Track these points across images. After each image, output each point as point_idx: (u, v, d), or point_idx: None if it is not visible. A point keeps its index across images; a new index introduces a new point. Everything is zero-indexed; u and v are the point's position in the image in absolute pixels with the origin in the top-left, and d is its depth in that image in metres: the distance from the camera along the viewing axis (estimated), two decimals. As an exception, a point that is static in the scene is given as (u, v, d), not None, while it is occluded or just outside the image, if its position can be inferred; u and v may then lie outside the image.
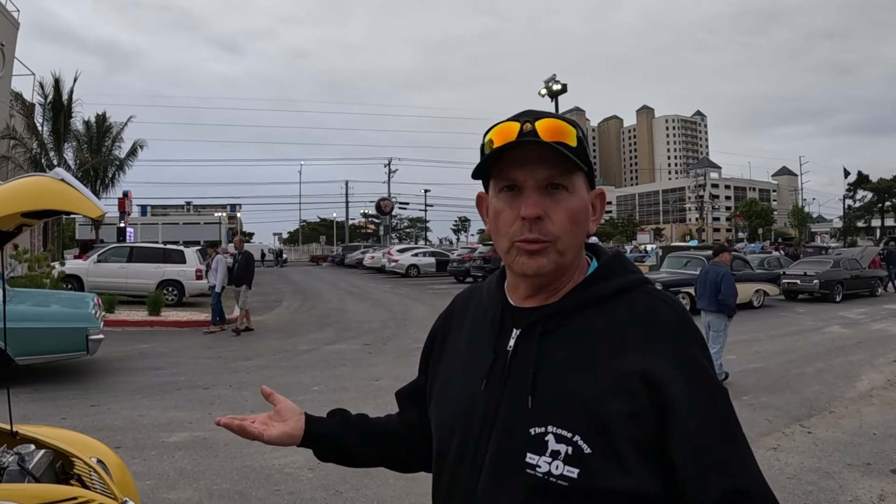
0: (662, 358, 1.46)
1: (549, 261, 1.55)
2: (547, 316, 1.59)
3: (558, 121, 1.56)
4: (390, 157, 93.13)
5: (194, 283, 25.17)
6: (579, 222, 1.57)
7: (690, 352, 1.49)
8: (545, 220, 1.53)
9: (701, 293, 12.42)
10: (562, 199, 1.55)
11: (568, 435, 1.44)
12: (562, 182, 1.54)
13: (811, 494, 6.73)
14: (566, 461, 1.43)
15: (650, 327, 1.51)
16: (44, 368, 12.54)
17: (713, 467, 1.40)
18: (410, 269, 49.29)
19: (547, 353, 1.55)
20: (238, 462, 7.50)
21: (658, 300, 1.58)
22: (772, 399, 10.68)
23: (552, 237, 1.54)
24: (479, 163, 1.60)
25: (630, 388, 1.44)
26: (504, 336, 1.65)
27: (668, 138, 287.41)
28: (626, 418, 1.42)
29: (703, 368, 1.48)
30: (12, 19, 35.41)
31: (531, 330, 1.60)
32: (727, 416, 1.47)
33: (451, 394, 1.73)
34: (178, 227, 77.35)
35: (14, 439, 3.65)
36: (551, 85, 38.05)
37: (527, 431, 1.49)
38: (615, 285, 1.60)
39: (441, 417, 1.75)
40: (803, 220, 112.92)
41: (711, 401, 1.45)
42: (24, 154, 36.86)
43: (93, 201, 2.96)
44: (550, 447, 1.45)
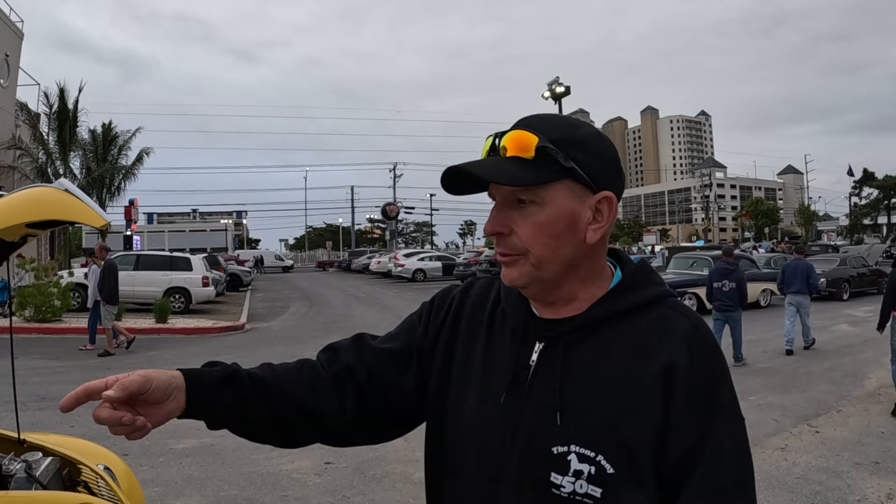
0: (679, 355, 1.43)
1: (521, 273, 1.52)
2: (571, 329, 1.54)
3: (520, 132, 1.49)
4: (395, 162, 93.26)
5: (201, 291, 25.25)
6: (555, 235, 1.49)
7: (706, 359, 1.46)
8: (511, 235, 1.51)
9: (791, 280, 15.84)
10: (530, 213, 1.49)
11: (591, 454, 1.41)
12: (526, 197, 1.48)
13: (819, 494, 6.72)
14: (589, 481, 1.41)
15: (671, 335, 1.47)
16: (52, 376, 12.59)
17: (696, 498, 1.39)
18: (417, 274, 49.24)
19: (570, 368, 1.51)
20: (245, 468, 7.52)
21: (681, 314, 1.53)
22: (779, 399, 10.68)
23: (520, 250, 1.50)
24: (441, 180, 1.55)
25: (651, 397, 1.42)
26: (526, 348, 1.59)
27: (673, 139, 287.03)
28: (648, 436, 1.40)
29: (716, 379, 1.45)
30: (16, 29, 35.50)
31: (555, 343, 1.55)
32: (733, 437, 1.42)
33: (466, 405, 1.65)
34: (184, 234, 77.53)
35: (21, 447, 3.66)
36: (554, 87, 38.03)
37: (550, 450, 1.45)
38: (641, 298, 1.55)
39: (453, 430, 1.66)
40: (809, 219, 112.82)
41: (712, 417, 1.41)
42: (31, 164, 36.91)
43: (97, 211, 2.98)
44: (573, 467, 1.42)
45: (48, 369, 13.59)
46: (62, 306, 20.98)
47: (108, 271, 16.24)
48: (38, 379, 12.26)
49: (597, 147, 1.53)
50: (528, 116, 1.56)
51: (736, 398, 1.46)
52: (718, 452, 1.39)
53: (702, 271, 23.49)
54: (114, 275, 16.36)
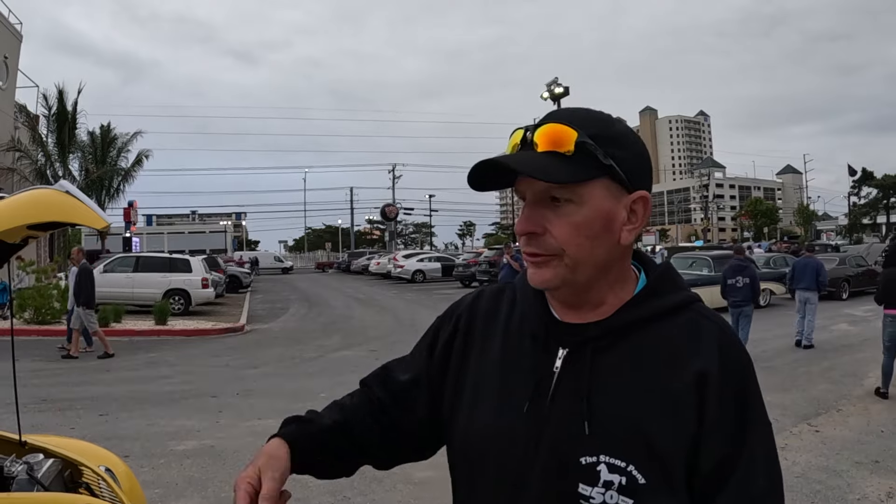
0: (712, 363, 1.39)
1: (554, 275, 1.45)
2: (601, 334, 1.48)
3: (557, 125, 1.41)
4: (394, 163, 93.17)
5: (201, 292, 25.25)
6: (592, 235, 1.43)
7: (736, 367, 1.42)
8: (544, 234, 1.43)
9: (801, 277, 16.45)
10: (566, 212, 1.42)
11: (621, 465, 1.36)
12: (561, 195, 1.41)
13: (819, 493, 6.73)
14: (620, 491, 1.36)
15: (702, 342, 1.43)
16: (52, 378, 12.60)
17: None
18: (416, 275, 49.33)
19: (598, 375, 1.45)
20: (246, 469, 7.50)
21: (709, 320, 1.49)
22: (779, 398, 10.65)
23: (554, 251, 1.43)
24: (468, 176, 1.49)
25: (685, 405, 1.38)
26: (549, 354, 1.53)
27: (672, 139, 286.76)
28: (681, 446, 1.36)
29: (746, 387, 1.42)
30: (15, 32, 35.49)
31: (581, 349, 1.49)
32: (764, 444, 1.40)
33: (484, 415, 1.59)
34: (183, 236, 77.47)
35: (23, 449, 3.68)
36: (553, 88, 38.00)
37: (577, 460, 1.40)
38: (669, 303, 1.51)
39: (472, 441, 1.61)
40: (809, 219, 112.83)
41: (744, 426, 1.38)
42: (30, 166, 36.90)
43: (97, 213, 2.99)
44: (603, 477, 1.37)
45: (48, 371, 13.62)
46: (62, 308, 20.92)
47: (84, 275, 15.95)
48: (38, 381, 12.28)
49: (632, 143, 1.49)
50: (557, 111, 1.51)
51: (763, 403, 1.43)
52: (752, 460, 1.36)
53: (701, 271, 23.55)
54: (90, 278, 16.09)
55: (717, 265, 23.74)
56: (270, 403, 10.75)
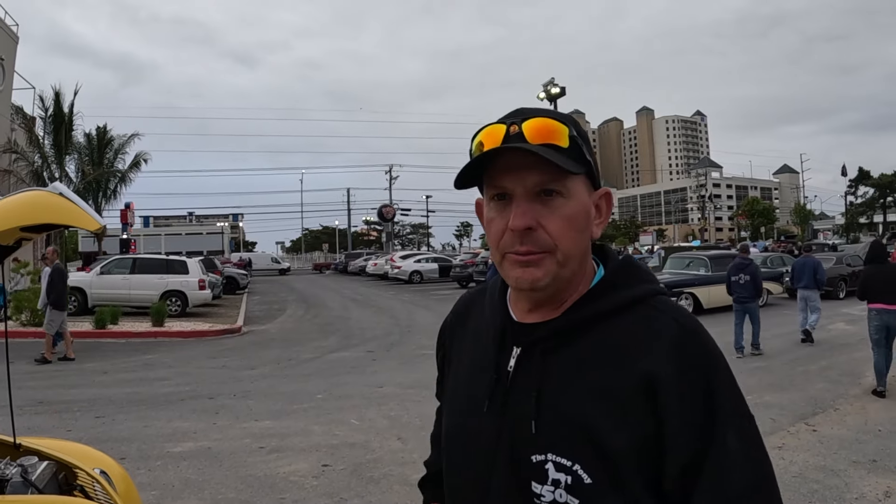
0: (664, 363, 1.37)
1: (545, 273, 1.44)
2: (547, 335, 1.50)
3: (548, 120, 1.44)
4: (391, 164, 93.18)
5: (197, 294, 25.19)
6: (580, 229, 1.46)
7: (696, 361, 1.39)
8: (538, 230, 1.42)
9: (800, 276, 17.02)
10: (557, 206, 1.43)
11: (567, 464, 1.38)
12: (555, 187, 1.42)
13: (817, 493, 6.71)
14: (567, 490, 1.37)
15: (654, 340, 1.41)
16: (48, 380, 12.57)
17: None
18: (413, 276, 49.32)
19: (548, 375, 1.47)
20: (243, 471, 7.50)
21: (666, 315, 1.46)
22: (776, 398, 10.66)
23: (548, 247, 1.43)
24: (460, 172, 1.47)
25: (633, 407, 1.36)
26: (505, 354, 1.56)
27: (669, 139, 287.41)
28: (630, 445, 1.35)
29: (710, 380, 1.37)
30: (11, 33, 35.45)
31: (532, 349, 1.51)
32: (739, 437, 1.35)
33: (455, 411, 1.68)
34: (180, 237, 77.55)
35: (17, 451, 3.66)
36: (550, 88, 37.99)
37: (529, 458, 1.43)
38: (621, 299, 1.50)
39: (447, 434, 1.70)
40: (805, 218, 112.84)
41: (713, 421, 1.34)
42: (27, 168, 36.87)
43: (91, 215, 2.98)
44: (551, 476, 1.39)
45: (44, 373, 13.59)
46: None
47: (57, 275, 15.67)
48: (34, 383, 12.25)
49: (590, 144, 1.51)
50: (524, 109, 1.51)
51: (738, 395, 1.40)
52: (724, 455, 1.33)
53: (698, 271, 23.52)
54: (62, 279, 15.83)
55: (715, 265, 23.75)
56: (268, 405, 10.73)
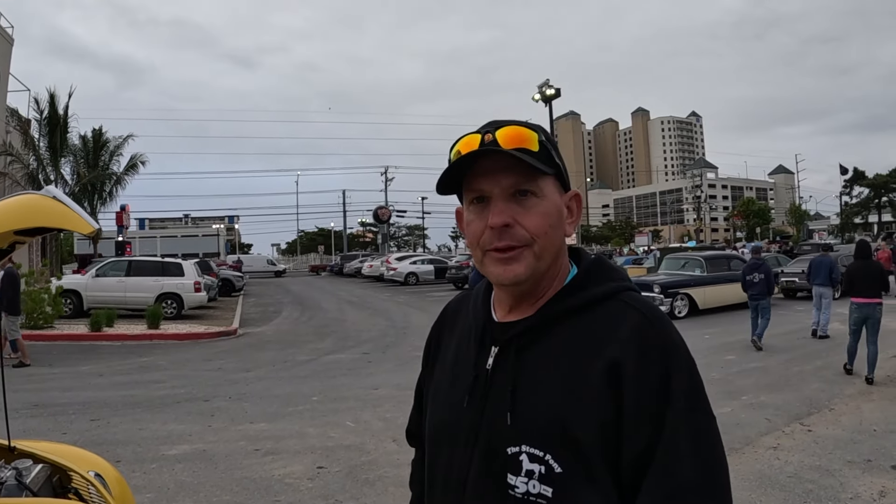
0: (625, 350, 1.44)
1: (525, 267, 1.54)
2: (521, 332, 1.58)
3: (519, 128, 1.56)
4: (387, 166, 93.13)
5: (193, 296, 25.14)
6: (553, 225, 1.57)
7: (656, 350, 1.45)
8: (515, 226, 1.52)
9: (816, 274, 17.69)
10: (531, 205, 1.54)
11: (540, 454, 1.45)
12: (529, 188, 1.54)
13: (812, 493, 6.72)
14: (540, 480, 1.44)
15: (619, 330, 1.49)
16: (43, 383, 12.56)
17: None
18: (409, 277, 49.12)
19: (522, 371, 1.55)
20: (238, 473, 7.51)
21: (631, 308, 1.54)
22: (771, 398, 10.68)
23: (526, 241, 1.53)
24: (441, 176, 1.59)
25: (599, 394, 1.42)
26: (484, 353, 1.65)
27: (664, 140, 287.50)
28: (597, 434, 1.40)
29: (669, 370, 1.43)
30: (6, 35, 35.48)
31: (508, 347, 1.60)
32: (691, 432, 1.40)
33: (438, 408, 1.75)
34: (176, 239, 77.53)
35: (12, 454, 3.66)
36: (545, 90, 38.04)
37: (504, 450, 1.50)
38: (591, 295, 1.58)
39: (429, 431, 1.77)
40: (801, 218, 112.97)
41: (666, 412, 1.40)
42: (22, 170, 36.83)
43: (85, 218, 2.98)
44: (525, 467, 1.46)
45: (39, 376, 13.57)
46: (54, 312, 20.95)
47: (9, 280, 15.34)
48: (30, 386, 12.23)
49: (559, 150, 1.64)
50: (496, 121, 1.61)
51: (697, 390, 1.45)
52: (675, 449, 1.37)
53: (694, 272, 23.54)
54: (14, 283, 15.57)
55: (710, 266, 23.79)
56: (263, 407, 10.73)
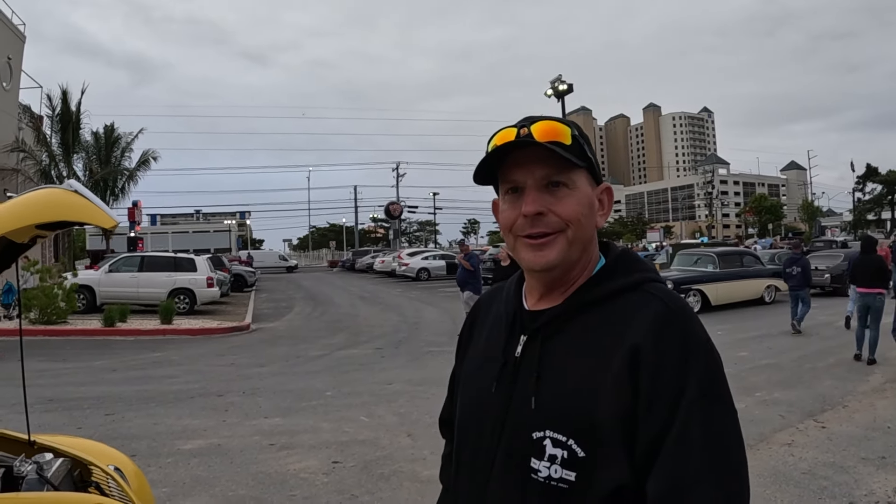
0: (645, 336, 1.47)
1: (557, 252, 1.59)
2: (548, 321, 1.63)
3: (553, 122, 1.62)
4: (398, 161, 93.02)
5: (206, 292, 25.14)
6: (586, 214, 1.62)
7: (676, 338, 1.47)
8: (547, 214, 1.58)
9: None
10: (563, 195, 1.59)
11: (563, 439, 1.48)
12: (561, 179, 1.59)
13: (826, 489, 6.70)
14: (563, 465, 1.47)
15: (641, 318, 1.52)
16: (58, 377, 12.60)
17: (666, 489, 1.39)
18: (421, 273, 49.07)
19: (549, 358, 1.59)
20: (253, 468, 7.52)
21: (655, 297, 1.57)
22: (785, 395, 10.65)
23: (559, 227, 1.59)
24: (477, 166, 1.66)
25: (620, 379, 1.45)
26: (513, 341, 1.69)
27: (676, 136, 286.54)
28: (617, 420, 1.43)
29: (687, 359, 1.45)
30: (18, 32, 35.51)
31: (536, 335, 1.64)
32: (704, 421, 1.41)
33: (467, 394, 1.80)
34: (187, 235, 77.48)
35: (32, 448, 3.68)
36: (557, 85, 37.95)
37: (530, 435, 1.53)
38: (616, 286, 1.61)
39: (460, 414, 1.82)
40: (813, 215, 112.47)
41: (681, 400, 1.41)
42: (34, 166, 36.91)
43: (106, 212, 2.98)
44: (548, 451, 1.49)
45: (54, 371, 13.60)
46: (67, 308, 21.03)
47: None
48: (44, 381, 12.27)
49: (591, 145, 1.68)
50: (532, 116, 1.67)
51: (716, 381, 1.46)
52: (685, 436, 1.39)
53: (706, 268, 23.48)
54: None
55: (723, 262, 23.74)
56: (277, 402, 10.74)
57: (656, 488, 1.39)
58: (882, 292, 13.48)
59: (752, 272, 24.62)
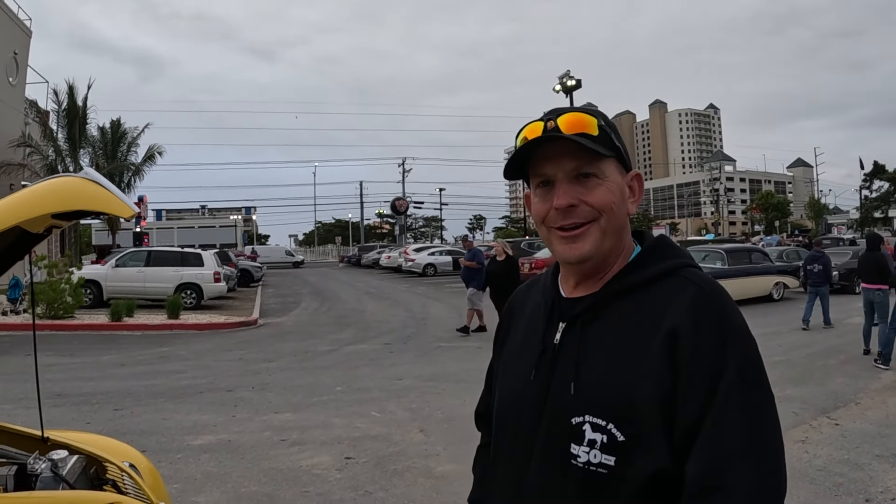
0: (682, 319, 1.50)
1: (591, 244, 1.62)
2: (586, 308, 1.65)
3: (579, 114, 1.64)
4: (404, 157, 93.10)
5: (213, 286, 25.20)
6: (617, 202, 1.64)
7: (712, 320, 1.50)
8: (579, 205, 1.61)
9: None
10: (594, 185, 1.62)
11: (602, 423, 1.51)
12: (590, 170, 1.62)
13: (842, 486, 6.69)
14: (602, 450, 1.50)
15: (678, 302, 1.55)
16: (66, 372, 12.57)
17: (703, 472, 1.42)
18: (427, 269, 48.93)
19: (587, 345, 1.61)
20: (265, 464, 7.50)
21: (690, 282, 1.59)
22: (797, 391, 10.62)
23: (592, 217, 1.62)
24: (507, 162, 1.72)
25: (658, 363, 1.48)
26: (552, 328, 1.72)
27: (682, 132, 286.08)
28: (655, 403, 1.46)
29: (724, 341, 1.48)
30: (24, 28, 35.59)
31: (574, 322, 1.66)
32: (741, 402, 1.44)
33: (506, 383, 1.83)
34: (193, 230, 77.68)
35: (45, 445, 3.62)
36: (565, 80, 37.98)
37: (569, 421, 1.56)
38: (652, 272, 1.64)
39: (498, 403, 1.84)
40: (820, 212, 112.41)
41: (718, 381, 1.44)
42: (41, 161, 36.96)
43: (124, 201, 2.92)
44: (587, 436, 1.52)
45: (61, 366, 13.58)
46: (74, 303, 21.03)
47: None
48: (51, 376, 12.24)
49: (619, 133, 1.71)
50: (558, 108, 1.71)
51: (752, 365, 1.49)
52: (723, 418, 1.42)
53: (714, 265, 23.42)
54: None
55: (731, 259, 23.71)
56: (286, 397, 10.73)
57: (693, 470, 1.42)
58: (883, 288, 13.81)
59: (761, 269, 24.71)
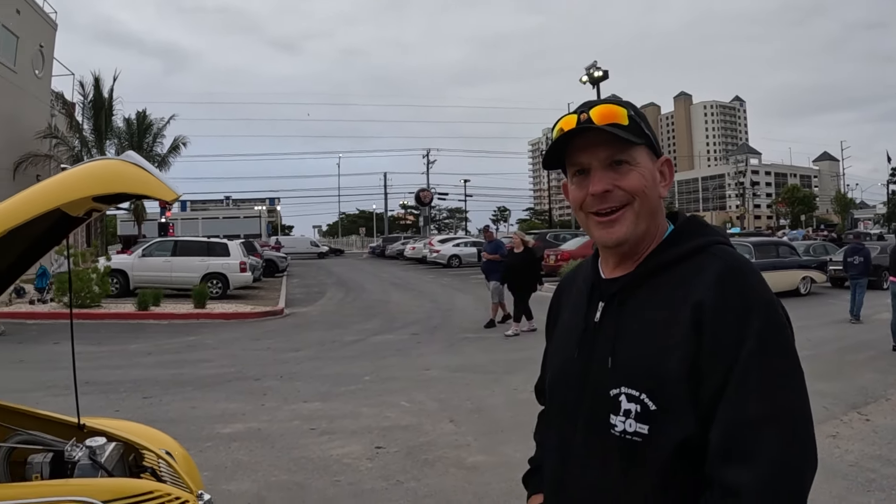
0: (708, 292, 1.60)
1: (626, 228, 1.75)
2: (622, 287, 1.78)
3: (610, 105, 1.76)
4: (429, 148, 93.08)
5: (239, 276, 25.31)
6: (649, 186, 1.76)
7: (737, 292, 1.59)
8: (614, 191, 1.73)
9: None
10: (626, 171, 1.74)
11: (636, 394, 1.63)
12: (623, 158, 1.74)
13: (874, 482, 6.64)
14: (637, 419, 1.62)
15: (705, 275, 1.64)
16: (93, 360, 12.63)
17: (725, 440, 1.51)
18: (452, 260, 48.83)
19: (624, 321, 1.74)
20: (295, 453, 7.51)
21: (718, 258, 1.69)
22: (827, 386, 10.48)
23: (626, 200, 1.74)
24: (545, 153, 1.86)
25: (686, 334, 1.58)
26: (593, 308, 1.85)
27: (707, 125, 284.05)
28: (684, 372, 1.56)
29: (749, 313, 1.55)
30: (50, 21, 35.81)
31: (612, 301, 1.79)
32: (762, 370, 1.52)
33: (555, 360, 2.00)
34: (217, 221, 77.77)
35: (81, 432, 3.61)
36: (592, 72, 37.81)
37: (607, 393, 1.68)
38: (683, 250, 1.74)
39: (549, 381, 2.02)
40: (846, 207, 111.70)
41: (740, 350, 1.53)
42: (67, 152, 37.17)
43: (167, 184, 2.87)
44: (623, 406, 1.64)
45: (88, 354, 13.63)
46: (101, 292, 21.20)
47: None
48: (79, 364, 12.09)
49: (648, 122, 1.82)
50: (590, 101, 1.82)
51: (776, 335, 1.56)
52: (744, 384, 1.51)
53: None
54: None
55: (759, 252, 23.58)
56: (315, 387, 10.76)
57: (716, 436, 1.52)
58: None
59: (789, 263, 24.57)
